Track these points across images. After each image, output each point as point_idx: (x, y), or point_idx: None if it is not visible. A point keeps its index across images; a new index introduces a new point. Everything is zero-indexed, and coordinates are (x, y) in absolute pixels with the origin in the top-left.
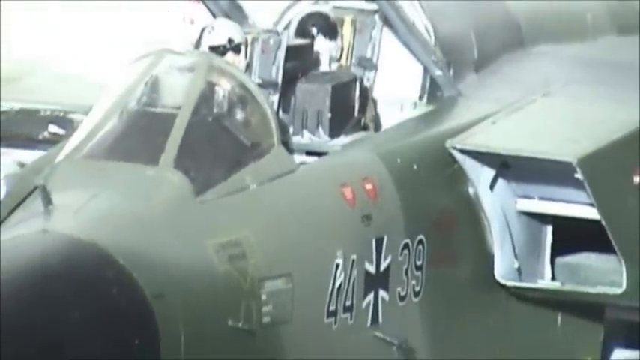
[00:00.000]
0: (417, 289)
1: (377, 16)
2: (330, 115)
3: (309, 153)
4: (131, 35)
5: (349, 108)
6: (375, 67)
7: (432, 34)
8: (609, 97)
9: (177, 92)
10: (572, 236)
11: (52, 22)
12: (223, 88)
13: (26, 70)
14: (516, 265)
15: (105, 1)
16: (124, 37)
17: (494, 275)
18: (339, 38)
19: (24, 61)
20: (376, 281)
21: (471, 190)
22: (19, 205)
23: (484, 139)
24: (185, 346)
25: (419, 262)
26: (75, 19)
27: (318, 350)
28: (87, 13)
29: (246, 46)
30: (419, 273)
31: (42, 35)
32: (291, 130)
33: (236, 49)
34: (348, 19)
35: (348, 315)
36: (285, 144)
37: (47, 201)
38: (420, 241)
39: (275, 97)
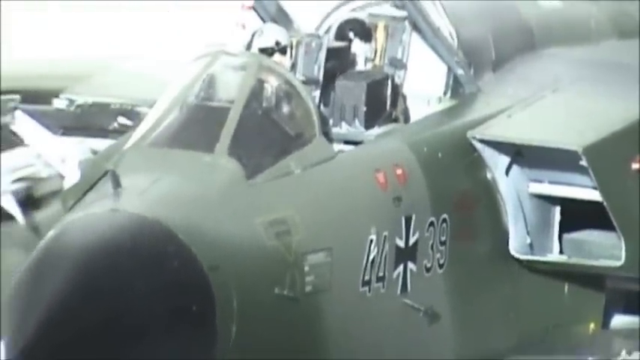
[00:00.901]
0: (442, 261)
1: (407, 22)
2: (365, 108)
3: (346, 142)
4: (191, 38)
5: (382, 102)
6: (404, 67)
7: (455, 37)
8: (610, 94)
9: (231, 88)
10: (577, 215)
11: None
12: (271, 84)
13: (97, 69)
14: (528, 240)
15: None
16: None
17: (508, 250)
18: (373, 41)
19: (94, 61)
20: (405, 255)
21: (488, 175)
22: (91, 187)
23: (500, 130)
24: (237, 311)
25: (443, 238)
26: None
27: (353, 315)
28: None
29: (292, 48)
30: (443, 247)
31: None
32: (330, 121)
33: (283, 51)
34: (381, 25)
35: (380, 284)
36: (326, 134)
37: (116, 183)
38: (444, 220)
39: (317, 93)
